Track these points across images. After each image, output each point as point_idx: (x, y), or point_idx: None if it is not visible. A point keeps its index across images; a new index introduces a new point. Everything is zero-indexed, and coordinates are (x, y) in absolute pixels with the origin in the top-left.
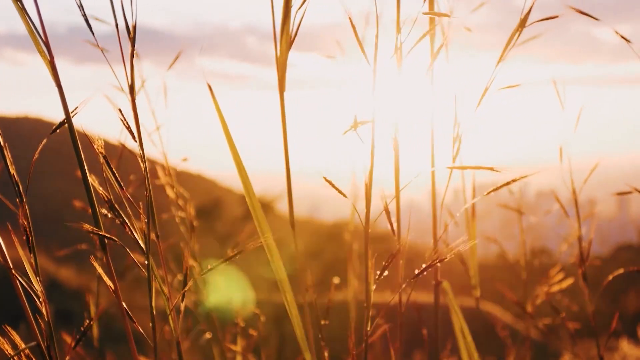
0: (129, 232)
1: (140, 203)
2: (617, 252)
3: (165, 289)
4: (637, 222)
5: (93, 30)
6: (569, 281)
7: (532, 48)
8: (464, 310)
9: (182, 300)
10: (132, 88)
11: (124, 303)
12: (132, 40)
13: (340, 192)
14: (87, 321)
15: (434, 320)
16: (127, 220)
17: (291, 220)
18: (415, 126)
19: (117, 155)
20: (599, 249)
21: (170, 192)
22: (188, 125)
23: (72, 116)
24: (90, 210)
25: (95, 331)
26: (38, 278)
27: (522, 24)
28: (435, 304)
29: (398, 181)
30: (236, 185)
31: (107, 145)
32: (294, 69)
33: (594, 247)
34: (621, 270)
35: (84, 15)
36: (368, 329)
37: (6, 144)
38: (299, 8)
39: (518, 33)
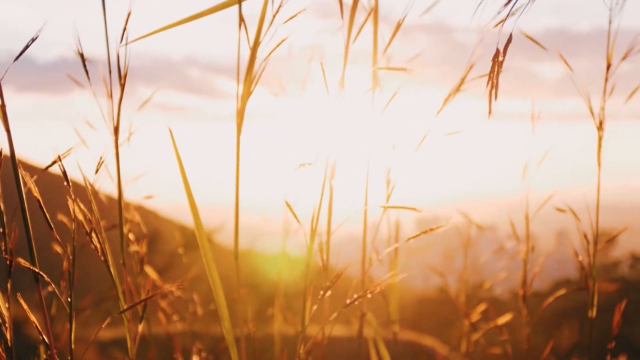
0: (103, 259)
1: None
2: (556, 288)
3: (128, 314)
4: (576, 257)
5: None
6: (507, 317)
7: (475, 84)
8: (404, 344)
9: (141, 322)
10: (116, 130)
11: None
12: (122, 87)
13: None
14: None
15: (357, 353)
16: (101, 246)
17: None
18: (354, 164)
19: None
20: (538, 283)
21: (124, 228)
22: (127, 155)
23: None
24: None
25: None
26: (7, 305)
27: (469, 70)
28: (359, 336)
29: (329, 214)
30: (176, 216)
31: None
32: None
33: (533, 281)
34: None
35: (83, 60)
36: None
37: None
38: (265, 59)
39: (461, 81)
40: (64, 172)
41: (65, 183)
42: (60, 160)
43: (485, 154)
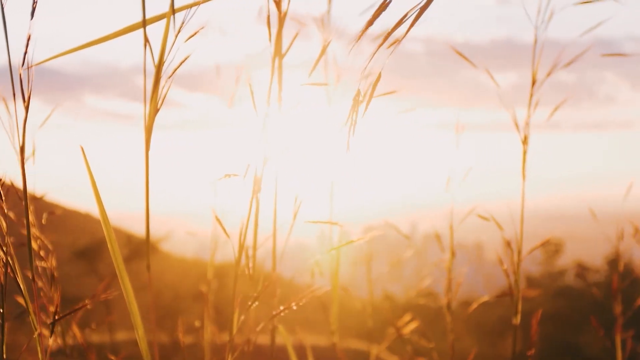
0: (12, 274)
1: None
2: (502, 296)
3: (39, 328)
4: (522, 267)
5: None
6: (415, 324)
7: (422, 93)
8: (347, 352)
9: (51, 336)
10: (22, 150)
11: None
12: (26, 109)
13: None
14: None
15: None
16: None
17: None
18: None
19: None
20: (484, 292)
21: (34, 245)
22: (74, 163)
23: None
24: None
25: None
26: None
27: (371, 96)
28: (272, 346)
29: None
30: (124, 224)
31: None
32: (187, 109)
33: (479, 290)
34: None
35: None
36: None
37: None
38: (169, 78)
39: (366, 102)
40: None
41: None
42: None
43: (439, 163)
